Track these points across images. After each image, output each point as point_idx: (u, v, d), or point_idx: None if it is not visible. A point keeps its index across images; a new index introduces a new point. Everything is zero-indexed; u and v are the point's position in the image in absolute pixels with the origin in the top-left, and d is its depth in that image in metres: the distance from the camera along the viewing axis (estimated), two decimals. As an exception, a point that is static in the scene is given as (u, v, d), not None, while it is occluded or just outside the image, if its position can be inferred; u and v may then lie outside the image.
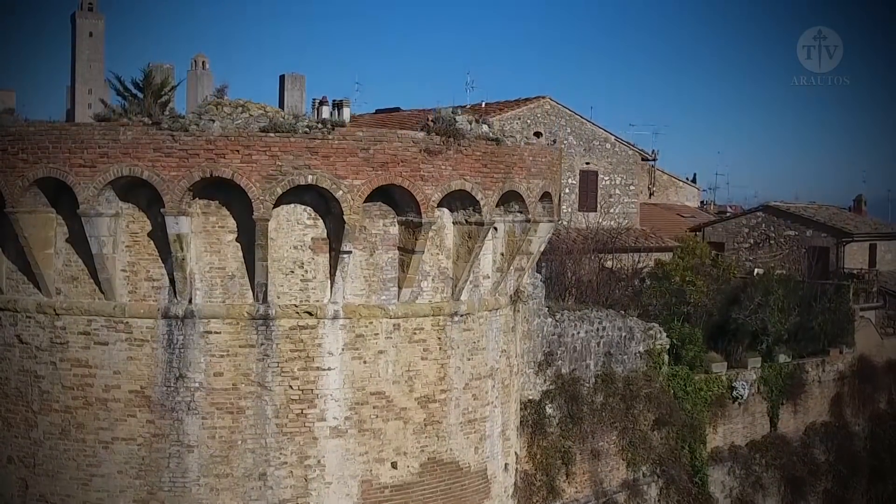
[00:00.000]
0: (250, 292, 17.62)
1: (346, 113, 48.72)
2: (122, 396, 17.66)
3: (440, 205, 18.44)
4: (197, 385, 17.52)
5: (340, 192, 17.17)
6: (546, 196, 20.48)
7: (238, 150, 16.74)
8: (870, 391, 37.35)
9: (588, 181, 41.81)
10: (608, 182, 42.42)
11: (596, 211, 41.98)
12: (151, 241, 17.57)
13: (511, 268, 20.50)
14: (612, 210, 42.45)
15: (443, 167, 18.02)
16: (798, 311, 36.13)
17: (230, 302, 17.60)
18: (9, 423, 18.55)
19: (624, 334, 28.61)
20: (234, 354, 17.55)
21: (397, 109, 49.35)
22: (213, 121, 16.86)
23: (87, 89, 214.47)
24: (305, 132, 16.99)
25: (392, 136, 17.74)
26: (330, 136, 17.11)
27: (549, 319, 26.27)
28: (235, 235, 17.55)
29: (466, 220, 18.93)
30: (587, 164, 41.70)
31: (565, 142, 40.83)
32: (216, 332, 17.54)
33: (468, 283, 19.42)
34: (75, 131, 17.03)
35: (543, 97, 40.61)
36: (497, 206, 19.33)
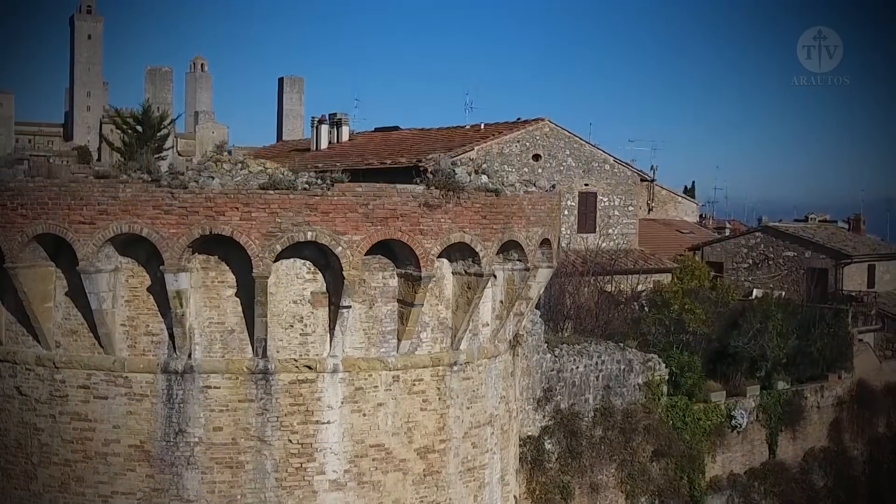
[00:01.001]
0: (250, 347, 17.64)
1: (345, 131, 49.00)
2: (121, 451, 17.68)
3: (439, 256, 18.46)
4: (196, 440, 17.54)
5: (340, 247, 17.18)
6: (545, 242, 20.49)
7: (237, 208, 16.76)
8: (868, 416, 37.36)
9: (587, 203, 41.77)
10: (607, 203, 42.39)
11: (595, 232, 41.94)
12: (151, 296, 17.58)
13: (510, 314, 20.51)
14: (610, 231, 42.43)
15: (442, 221, 18.04)
16: (797, 336, 36.15)
17: (229, 357, 17.62)
18: (8, 475, 18.56)
19: (623, 367, 28.63)
20: (234, 409, 17.56)
21: (396, 128, 49.36)
22: (213, 178, 16.86)
23: (86, 91, 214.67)
24: (305, 188, 17.02)
25: (391, 190, 17.74)
26: (329, 193, 17.13)
27: (549, 355, 26.30)
28: (235, 290, 17.57)
29: (466, 271, 18.95)
30: (586, 185, 41.67)
31: (564, 163, 40.88)
32: (215, 387, 17.55)
33: (467, 332, 19.42)
34: (75, 188, 17.01)
35: (542, 119, 40.55)
36: (496, 254, 19.35)
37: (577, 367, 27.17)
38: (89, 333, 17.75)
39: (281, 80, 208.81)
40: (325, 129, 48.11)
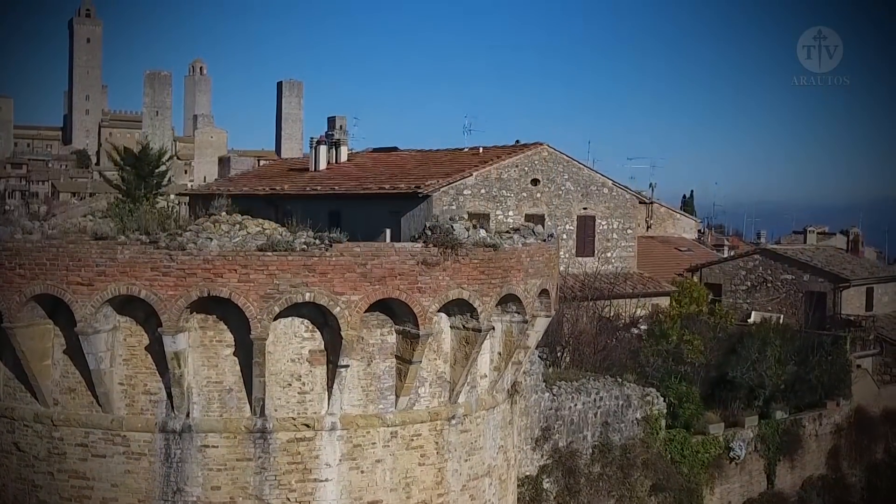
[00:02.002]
0: (248, 405, 17.63)
1: (344, 151, 49.06)
2: (120, 509, 17.66)
3: (437, 311, 18.44)
4: (194, 499, 17.52)
5: (338, 308, 17.18)
6: (544, 292, 20.49)
7: (235, 270, 16.76)
8: (867, 442, 37.45)
9: (585, 226, 41.77)
10: (606, 226, 42.40)
11: (593, 256, 41.97)
12: (149, 355, 17.57)
13: (509, 365, 20.51)
14: (609, 254, 42.44)
15: (440, 278, 18.03)
16: (795, 362, 36.21)
17: (227, 416, 17.61)
18: (6, 531, 18.56)
19: (621, 402, 28.66)
20: (232, 468, 17.55)
21: (395, 148, 49.41)
22: (211, 239, 16.85)
23: (85, 95, 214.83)
24: (303, 249, 17.00)
25: (389, 249, 17.75)
26: (327, 253, 17.12)
27: (547, 394, 26.34)
28: (233, 349, 17.56)
29: (464, 326, 18.95)
30: (584, 209, 41.69)
31: (562, 187, 40.89)
32: (213, 446, 17.54)
33: (465, 384, 19.42)
34: (73, 249, 17.00)
35: (540, 144, 40.59)
36: (495, 306, 19.33)
37: (576, 405, 27.20)
38: (87, 392, 17.73)
39: (280, 84, 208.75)
40: (323, 149, 48.14)
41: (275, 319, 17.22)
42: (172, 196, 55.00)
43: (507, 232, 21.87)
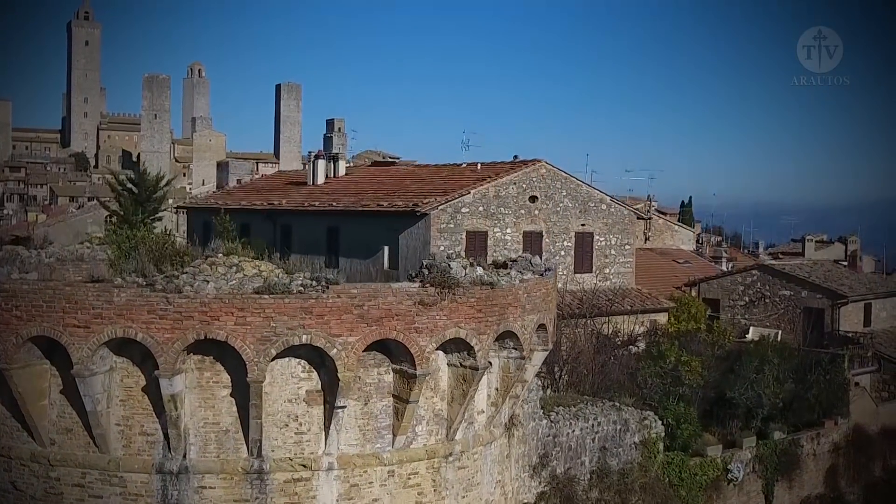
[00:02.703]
0: (244, 446, 17.64)
1: (342, 166, 49.09)
2: (116, 550, 17.65)
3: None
4: (192, 540, 17.51)
5: (335, 349, 17.18)
6: (541, 327, 20.48)
7: (232, 313, 16.75)
8: (864, 460, 37.41)
9: (583, 243, 41.74)
10: (603, 243, 42.38)
11: (591, 272, 41.95)
12: (146, 396, 17.57)
13: (506, 400, 20.50)
14: (607, 270, 42.42)
15: (437, 318, 18.02)
16: (793, 380, 36.19)
17: (224, 457, 17.61)
18: (3, 571, 18.54)
19: (619, 427, 28.61)
20: (229, 509, 17.54)
21: (392, 162, 49.48)
22: (208, 281, 16.85)
23: (83, 97, 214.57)
24: (300, 291, 16.99)
25: (386, 290, 17.73)
26: (324, 295, 17.11)
27: (545, 421, 26.26)
28: (230, 390, 17.56)
29: (461, 364, 18.95)
30: (582, 225, 41.65)
31: (560, 204, 40.85)
32: (210, 487, 17.55)
33: (463, 421, 19.41)
34: (69, 292, 16.98)
35: (539, 161, 40.58)
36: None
37: (574, 431, 27.15)
38: (84, 432, 17.73)
39: (278, 87, 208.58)
40: (321, 163, 48.17)
41: (272, 361, 17.21)
42: (171, 211, 54.97)
43: (505, 265, 21.94)
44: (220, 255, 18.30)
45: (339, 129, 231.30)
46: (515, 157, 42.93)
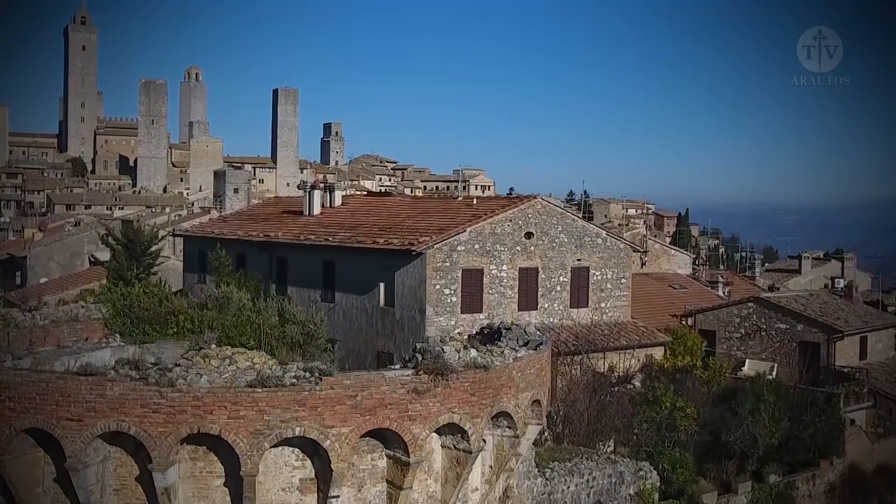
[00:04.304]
0: (238, 535, 17.62)
1: (338, 196, 49.06)
2: None
3: (428, 432, 18.44)
4: None
5: (328, 441, 17.19)
6: (535, 402, 20.50)
7: (225, 407, 16.75)
8: (860, 499, 37.47)
9: (579, 278, 41.71)
10: (599, 277, 42.34)
11: (588, 307, 41.91)
12: (139, 486, 17.60)
13: (500, 475, 20.52)
14: (603, 304, 42.39)
15: (431, 405, 18.03)
16: (789, 418, 36.26)
17: (218, 546, 17.60)
18: None
19: (614, 480, 28.69)
20: None
21: (389, 193, 49.45)
22: (201, 375, 16.84)
23: (80, 102, 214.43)
24: (293, 383, 16.99)
25: (380, 379, 17.72)
26: (318, 387, 17.10)
27: (539, 479, 26.31)
28: (223, 480, 17.58)
29: (455, 446, 18.97)
30: (578, 260, 41.61)
31: (556, 240, 40.82)
32: (205, 576, 17.54)
33: (457, 502, 19.43)
34: (62, 385, 16.98)
35: (534, 196, 40.63)
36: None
37: (569, 487, 27.20)
38: (78, 520, 17.72)
39: (275, 92, 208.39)
40: (317, 194, 48.18)
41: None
42: (169, 235, 54.94)
43: (499, 332, 21.96)
44: (213, 346, 18.28)
45: (337, 132, 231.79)
46: (511, 191, 43.01)
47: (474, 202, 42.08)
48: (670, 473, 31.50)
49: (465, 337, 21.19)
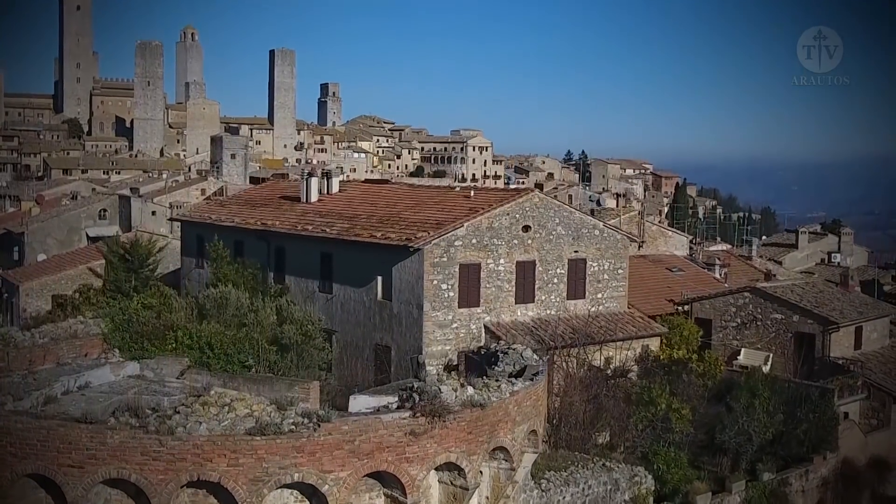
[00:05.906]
0: (239, 576, 17.88)
1: (335, 183, 49.01)
2: None
3: (425, 468, 18.66)
4: None
5: (326, 486, 17.41)
6: (532, 432, 20.71)
7: (225, 455, 16.96)
8: (854, 492, 37.89)
9: (576, 269, 41.82)
10: (596, 268, 42.43)
11: (584, 298, 42.08)
12: (140, 528, 17.79)
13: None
14: (600, 296, 42.54)
15: (428, 446, 18.24)
16: (783, 413, 36.56)
17: (219, 587, 17.88)
18: None
19: (609, 487, 28.96)
20: None
21: (387, 181, 49.38)
22: (200, 423, 17.01)
23: (76, 63, 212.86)
24: (291, 430, 17.18)
25: (377, 423, 17.90)
26: (316, 434, 17.29)
27: (535, 491, 26.54)
28: (223, 523, 17.79)
29: (451, 482, 19.20)
30: (575, 252, 41.67)
31: (553, 232, 40.85)
32: None
33: (454, 534, 19.73)
34: (63, 432, 17.16)
35: (532, 190, 40.64)
36: (482, 453, 19.56)
37: (564, 497, 27.45)
38: (81, 561, 17.97)
39: (272, 53, 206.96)
40: (314, 181, 48.09)
41: (264, 493, 17.44)
42: (167, 219, 54.91)
43: (496, 356, 22.12)
44: (213, 391, 18.40)
45: (334, 93, 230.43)
46: (507, 183, 42.94)
47: (472, 194, 42.05)
48: (665, 473, 31.84)
49: (462, 360, 21.31)
